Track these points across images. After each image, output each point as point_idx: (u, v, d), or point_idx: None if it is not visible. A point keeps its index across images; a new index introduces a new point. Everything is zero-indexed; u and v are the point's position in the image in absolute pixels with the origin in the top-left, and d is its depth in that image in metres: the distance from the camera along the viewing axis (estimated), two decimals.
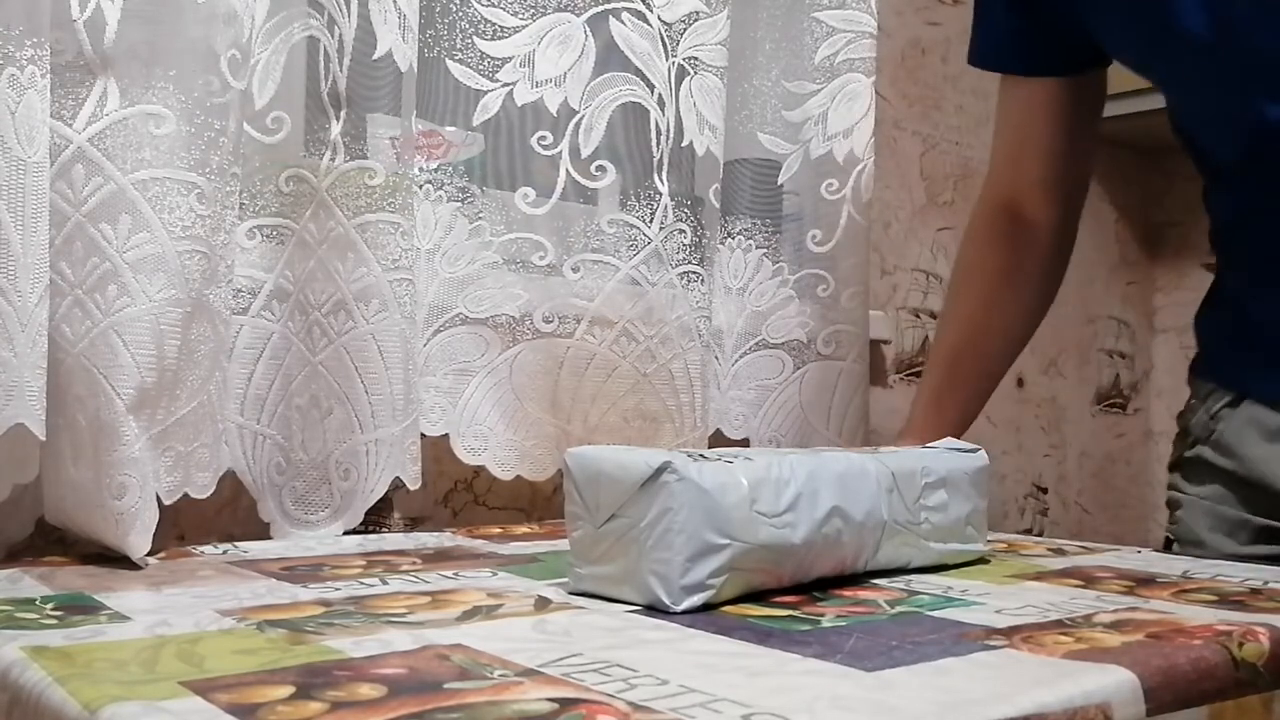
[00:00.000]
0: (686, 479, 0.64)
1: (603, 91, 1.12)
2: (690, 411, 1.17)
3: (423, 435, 1.03)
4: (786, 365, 1.31)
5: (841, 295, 1.31)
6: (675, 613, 0.63)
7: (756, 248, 1.31)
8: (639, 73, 1.13)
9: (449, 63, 1.07)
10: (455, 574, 0.76)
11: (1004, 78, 1.08)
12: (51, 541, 0.89)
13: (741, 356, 1.30)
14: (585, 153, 1.11)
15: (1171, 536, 1.06)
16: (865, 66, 1.31)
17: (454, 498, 1.18)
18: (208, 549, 0.86)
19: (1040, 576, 0.79)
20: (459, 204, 1.08)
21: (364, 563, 0.80)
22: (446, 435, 1.07)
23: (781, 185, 1.33)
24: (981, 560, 0.85)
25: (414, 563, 0.80)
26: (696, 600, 0.64)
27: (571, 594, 0.69)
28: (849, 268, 1.31)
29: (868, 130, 1.31)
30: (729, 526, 0.65)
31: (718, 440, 1.28)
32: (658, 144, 1.14)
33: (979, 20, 1.05)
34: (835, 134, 1.31)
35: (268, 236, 0.95)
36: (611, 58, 1.12)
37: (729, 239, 1.30)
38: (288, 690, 0.46)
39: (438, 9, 1.06)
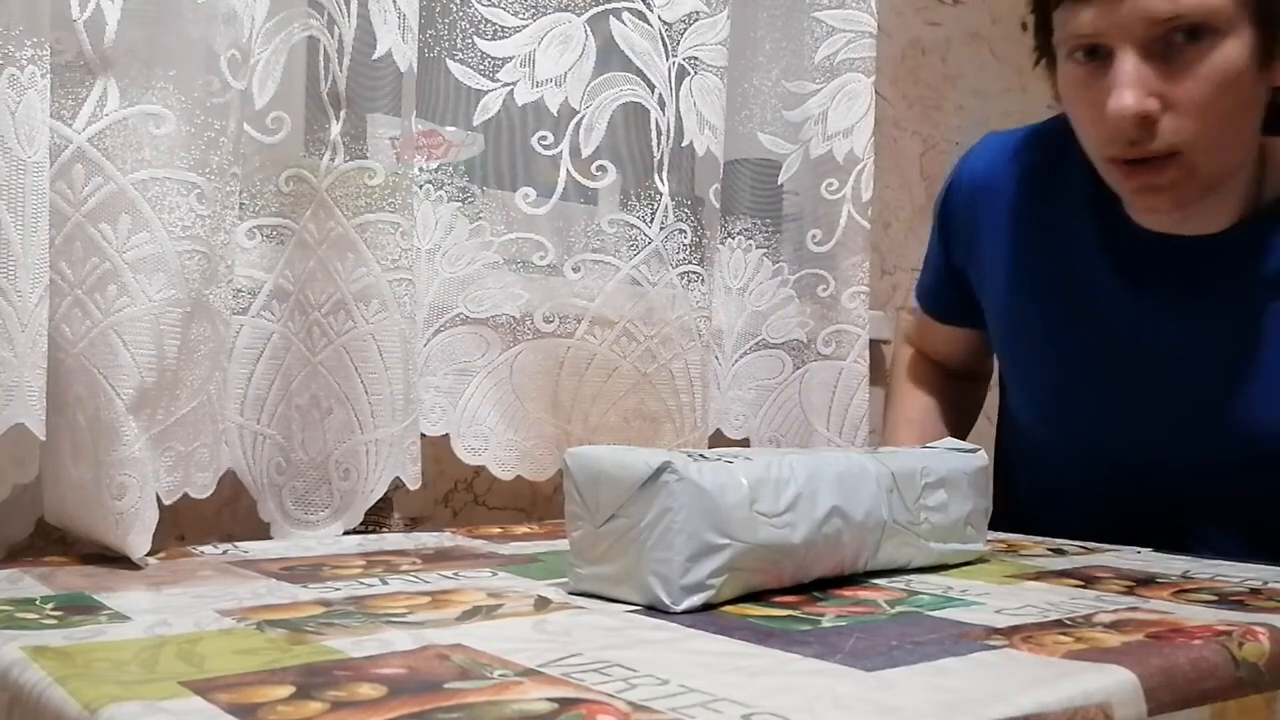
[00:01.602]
0: (686, 479, 0.64)
1: (603, 91, 1.12)
2: (690, 412, 1.17)
3: (423, 435, 1.03)
4: (786, 365, 1.31)
5: (842, 295, 1.31)
6: (675, 613, 0.63)
7: (756, 248, 1.31)
8: (639, 72, 1.13)
9: (449, 62, 1.07)
10: (455, 574, 0.76)
11: (925, 323, 1.24)
12: (51, 541, 0.89)
13: (741, 356, 1.30)
14: (586, 152, 1.11)
15: None
16: (865, 66, 1.31)
17: (454, 498, 1.18)
18: (208, 549, 0.86)
19: (1040, 576, 0.79)
20: (459, 204, 1.08)
21: (364, 563, 0.80)
22: (447, 435, 1.07)
23: (781, 185, 1.33)
24: (981, 560, 0.85)
25: (414, 563, 0.80)
26: (696, 600, 0.64)
27: (571, 594, 0.69)
28: (849, 267, 1.31)
29: (867, 130, 1.31)
30: (729, 526, 0.65)
31: (718, 440, 1.28)
32: (658, 144, 1.14)
33: (926, 265, 1.20)
34: (835, 134, 1.30)
35: (268, 236, 0.95)
36: (612, 57, 1.12)
37: (729, 239, 1.30)
38: (288, 690, 0.46)
39: (438, 9, 1.06)
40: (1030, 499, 1.14)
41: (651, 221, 1.14)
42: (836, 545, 0.71)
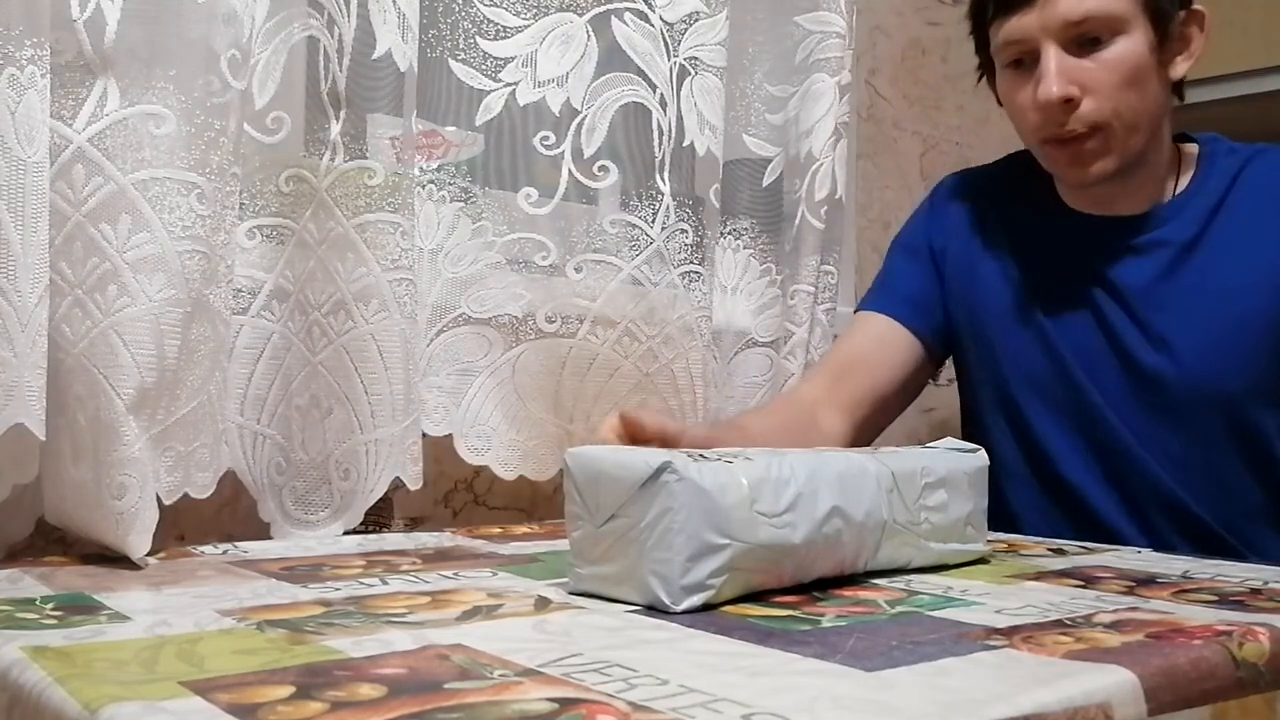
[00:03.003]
0: (686, 479, 0.64)
1: (605, 91, 1.11)
2: (692, 411, 1.17)
3: (424, 435, 1.03)
4: (772, 362, 1.32)
5: (788, 291, 1.33)
6: (675, 613, 0.63)
7: (744, 248, 1.32)
8: (641, 73, 1.13)
9: (451, 62, 1.07)
10: (455, 574, 0.76)
11: (869, 318, 1.25)
12: (51, 541, 0.89)
13: (735, 354, 1.31)
14: (587, 153, 1.11)
15: None
16: (830, 66, 1.31)
17: (454, 498, 1.18)
18: (208, 549, 0.86)
19: (1040, 576, 0.79)
20: (461, 204, 1.08)
21: (364, 563, 0.80)
22: (446, 435, 1.07)
23: (765, 186, 1.33)
24: (981, 560, 0.85)
25: (414, 563, 0.80)
26: (696, 600, 0.64)
27: (571, 594, 0.69)
28: (802, 267, 1.33)
29: (827, 130, 1.31)
30: (729, 526, 0.65)
31: None
32: (659, 144, 1.14)
33: (887, 277, 1.28)
34: (802, 134, 1.32)
35: (268, 236, 0.95)
36: (613, 58, 1.12)
37: (722, 238, 1.30)
38: (288, 690, 0.46)
39: (440, 9, 1.06)
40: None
41: (653, 221, 1.14)
42: (837, 545, 0.71)
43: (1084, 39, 1.03)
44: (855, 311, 1.28)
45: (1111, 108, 1.04)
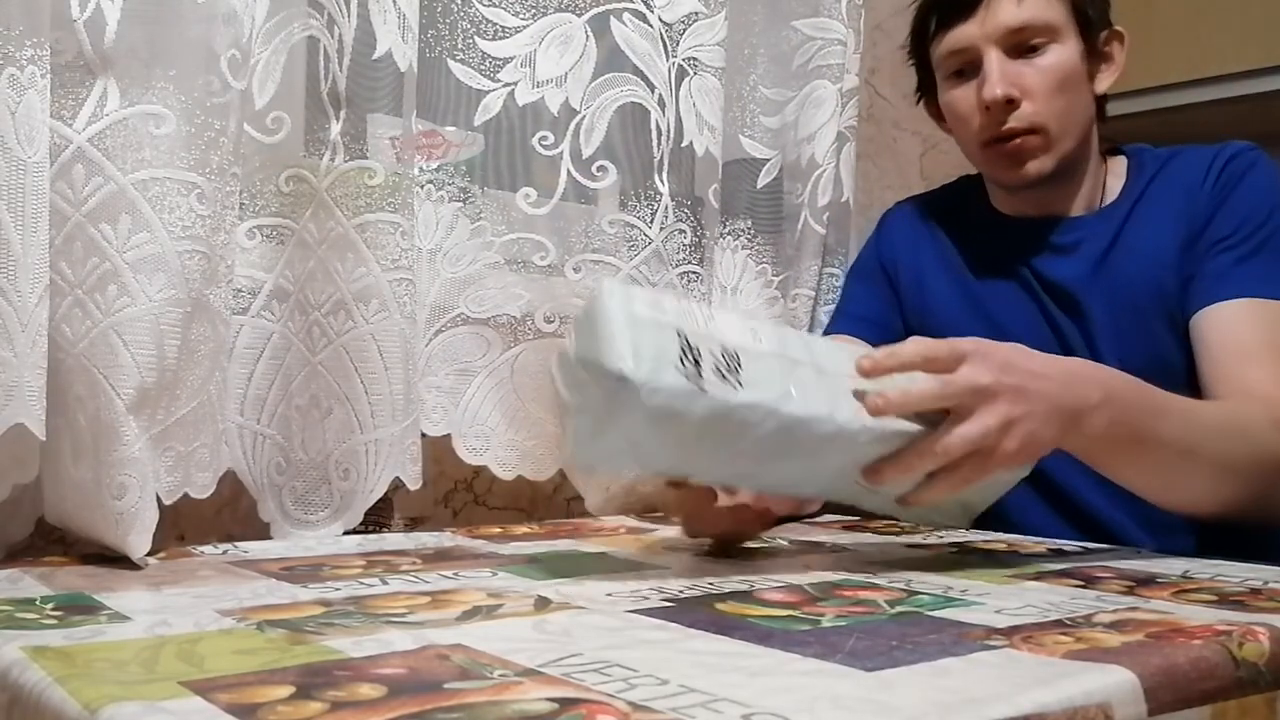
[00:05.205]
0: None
1: (604, 92, 1.12)
2: None
3: (424, 435, 1.03)
4: None
5: (788, 295, 1.33)
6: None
7: (742, 249, 1.32)
8: (639, 73, 1.13)
9: (450, 63, 1.07)
10: (455, 574, 0.76)
11: (838, 340, 1.27)
12: (51, 541, 0.89)
13: None
14: (586, 153, 1.11)
15: None
16: (832, 73, 1.31)
17: (454, 498, 1.17)
18: (208, 549, 0.86)
19: (1040, 576, 0.79)
20: (460, 204, 1.08)
21: (364, 563, 0.80)
22: (446, 435, 1.07)
23: (761, 188, 1.33)
24: (982, 561, 0.85)
25: (414, 563, 0.80)
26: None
27: (577, 467, 0.69)
28: (803, 270, 1.33)
29: (829, 136, 1.31)
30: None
31: None
32: (658, 144, 1.14)
33: (846, 303, 1.33)
34: (802, 139, 1.32)
35: (268, 236, 0.95)
36: (612, 58, 1.12)
37: (721, 239, 1.30)
38: (288, 690, 0.46)
39: (439, 9, 1.06)
40: None
41: (652, 222, 1.14)
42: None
43: (1022, 46, 1.10)
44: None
45: (1048, 110, 1.11)
